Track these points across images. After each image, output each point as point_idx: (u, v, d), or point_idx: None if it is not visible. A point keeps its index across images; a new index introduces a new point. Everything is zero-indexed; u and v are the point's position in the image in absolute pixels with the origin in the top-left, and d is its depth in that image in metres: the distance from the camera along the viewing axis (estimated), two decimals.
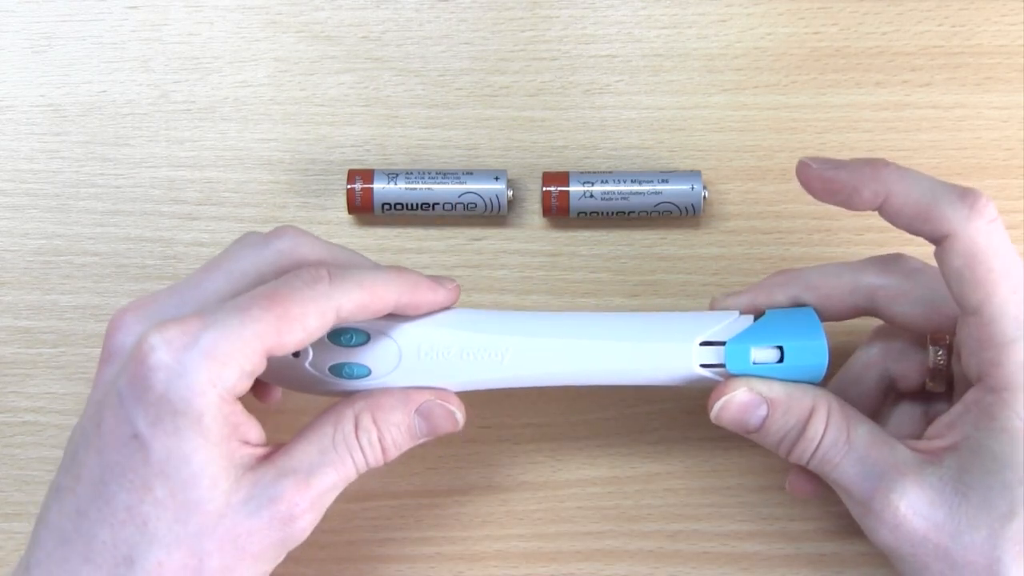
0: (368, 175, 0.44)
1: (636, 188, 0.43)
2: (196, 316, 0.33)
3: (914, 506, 0.34)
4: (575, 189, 0.43)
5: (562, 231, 0.45)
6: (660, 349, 0.37)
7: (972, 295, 0.34)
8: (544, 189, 0.44)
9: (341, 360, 0.37)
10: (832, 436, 0.36)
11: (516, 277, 0.45)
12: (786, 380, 0.37)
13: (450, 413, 0.37)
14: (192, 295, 0.36)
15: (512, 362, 0.37)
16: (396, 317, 0.37)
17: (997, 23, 0.45)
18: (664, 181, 0.43)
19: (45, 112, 0.46)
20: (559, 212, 0.44)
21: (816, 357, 0.37)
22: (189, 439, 0.32)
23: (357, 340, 0.37)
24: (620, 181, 0.43)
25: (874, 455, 0.35)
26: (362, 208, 0.44)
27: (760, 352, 0.37)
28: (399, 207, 0.44)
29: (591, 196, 0.43)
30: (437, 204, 0.44)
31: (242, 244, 0.37)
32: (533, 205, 0.45)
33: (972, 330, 0.35)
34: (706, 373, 0.37)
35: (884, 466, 0.35)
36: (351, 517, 0.44)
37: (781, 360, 0.37)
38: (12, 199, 0.45)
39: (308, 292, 0.34)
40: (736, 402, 0.37)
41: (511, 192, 0.44)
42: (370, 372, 0.37)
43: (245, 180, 0.45)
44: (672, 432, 0.44)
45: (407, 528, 0.44)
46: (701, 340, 0.37)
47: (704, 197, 0.43)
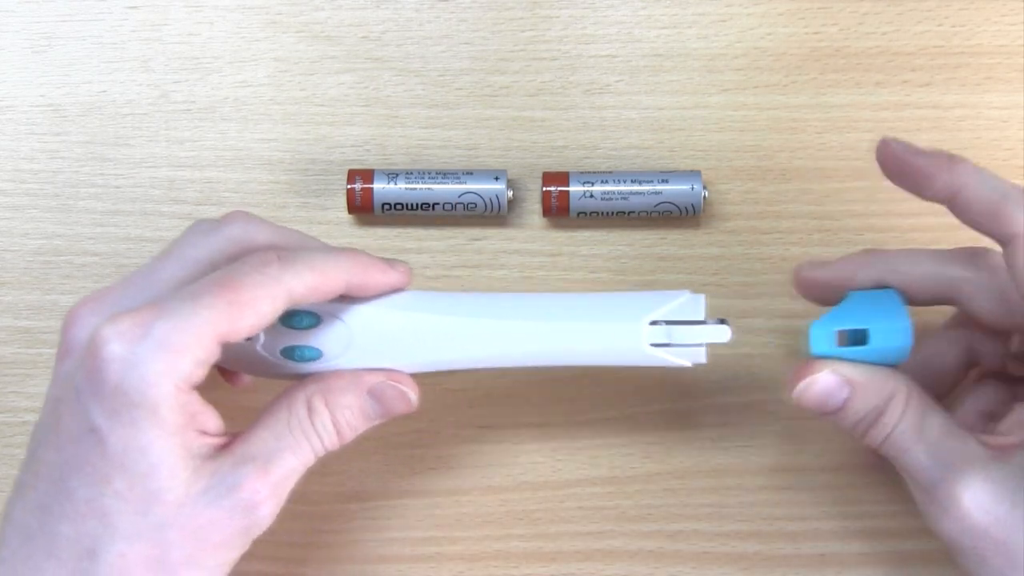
0: (368, 175, 0.44)
1: (636, 188, 0.43)
2: (148, 307, 0.33)
3: (977, 499, 0.34)
4: (575, 189, 0.43)
5: (562, 231, 0.45)
6: (610, 329, 0.37)
7: None
8: (544, 189, 0.44)
9: (292, 343, 0.37)
10: (906, 423, 0.36)
11: (516, 277, 0.45)
12: (869, 362, 0.37)
13: (402, 394, 0.37)
14: (145, 285, 0.36)
15: (462, 343, 0.37)
16: (348, 299, 0.37)
17: (997, 23, 0.45)
18: (664, 181, 0.43)
19: (45, 112, 0.46)
20: (559, 212, 0.44)
21: (901, 339, 0.37)
22: (146, 430, 0.32)
23: (308, 322, 0.37)
24: (620, 181, 0.43)
25: (944, 446, 0.36)
26: (362, 208, 0.44)
27: (844, 334, 0.37)
28: (399, 207, 0.44)
29: (591, 196, 0.43)
30: (437, 204, 0.44)
31: (193, 232, 0.37)
32: (533, 205, 0.45)
33: None
34: (656, 353, 0.37)
35: (952, 457, 0.35)
36: (351, 517, 0.44)
37: (864, 342, 0.37)
38: (12, 199, 0.45)
39: (258, 277, 0.34)
40: (820, 384, 0.37)
41: (511, 192, 0.44)
42: (321, 354, 0.37)
43: (245, 180, 0.45)
44: (672, 432, 0.44)
45: (407, 528, 0.44)
46: (651, 319, 0.37)
47: (704, 197, 0.43)
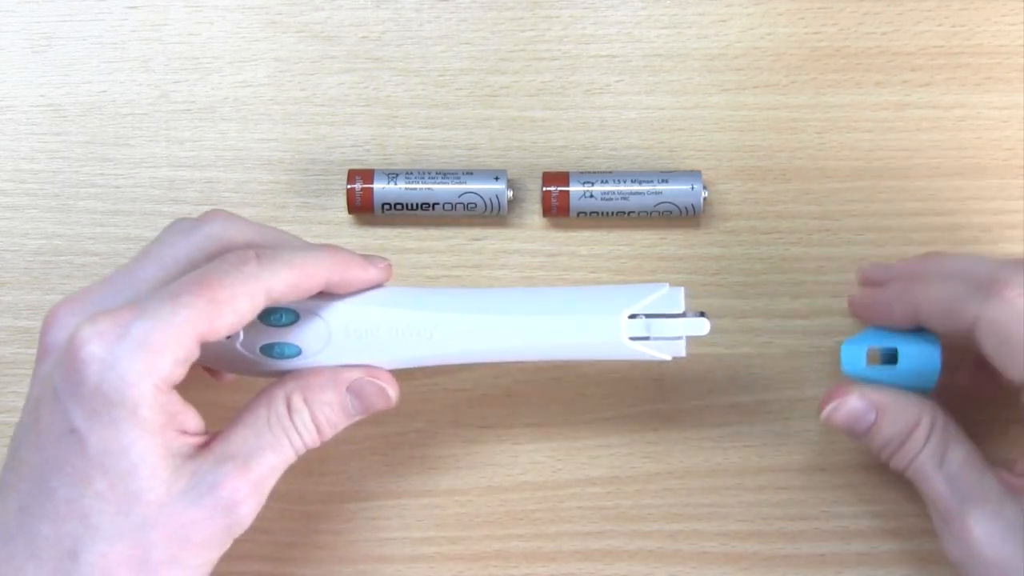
0: (368, 175, 0.44)
1: (636, 188, 0.43)
2: (127, 307, 0.33)
3: (987, 534, 0.36)
4: (575, 189, 0.43)
5: (562, 231, 0.45)
6: (587, 322, 0.37)
7: (1013, 371, 0.35)
8: (544, 189, 0.44)
9: (271, 340, 0.37)
10: (929, 451, 0.37)
11: (516, 277, 0.45)
12: (898, 385, 0.38)
13: (381, 390, 0.37)
14: (124, 285, 0.36)
15: (441, 339, 0.37)
16: (326, 296, 0.37)
17: (997, 23, 0.45)
18: (664, 181, 0.43)
19: (45, 112, 0.46)
20: (559, 212, 0.44)
21: (929, 362, 0.37)
22: (126, 431, 0.32)
23: (286, 319, 0.37)
24: (620, 181, 0.43)
25: (963, 478, 0.37)
26: (362, 208, 0.44)
27: (874, 354, 0.38)
28: (399, 207, 0.44)
29: (591, 196, 0.43)
30: (437, 204, 0.44)
31: (172, 231, 0.37)
32: (533, 205, 0.45)
33: None
34: (635, 346, 0.37)
35: (970, 490, 0.37)
36: (351, 517, 0.44)
37: (894, 362, 0.38)
38: (12, 199, 0.45)
39: (236, 275, 0.34)
40: (847, 407, 0.38)
41: (511, 192, 0.44)
42: (301, 351, 0.37)
43: (245, 180, 0.45)
44: (672, 432, 0.44)
45: (407, 528, 0.44)
46: (629, 313, 0.37)
47: (704, 197, 0.43)
